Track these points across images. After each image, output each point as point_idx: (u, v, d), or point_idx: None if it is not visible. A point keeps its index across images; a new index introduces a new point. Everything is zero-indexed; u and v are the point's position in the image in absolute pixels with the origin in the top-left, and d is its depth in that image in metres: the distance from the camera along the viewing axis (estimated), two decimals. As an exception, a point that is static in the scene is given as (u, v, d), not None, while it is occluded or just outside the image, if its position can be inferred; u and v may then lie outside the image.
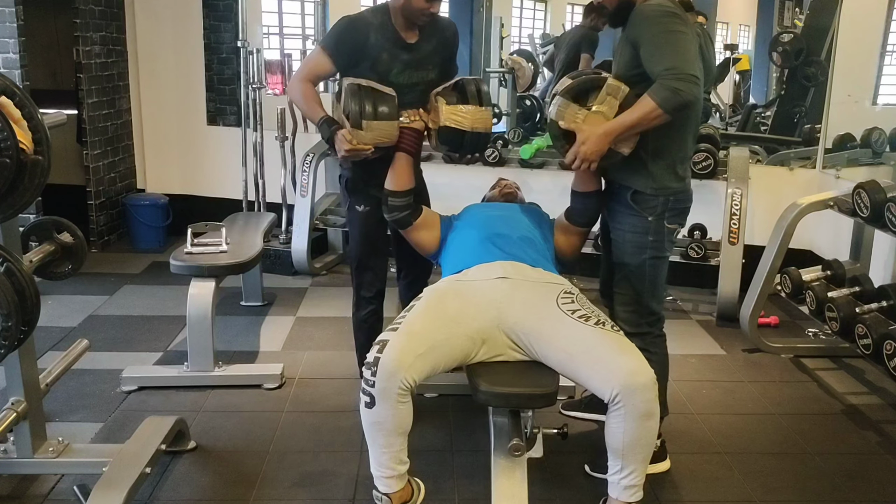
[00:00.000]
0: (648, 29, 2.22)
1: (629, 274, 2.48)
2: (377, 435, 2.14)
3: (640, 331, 2.49)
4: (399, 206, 2.59)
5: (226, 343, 3.61)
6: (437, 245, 2.64)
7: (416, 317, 2.22)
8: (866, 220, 3.14)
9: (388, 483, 2.19)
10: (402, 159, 2.59)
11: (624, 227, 2.47)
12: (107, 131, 5.10)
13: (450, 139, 2.57)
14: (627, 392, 2.05)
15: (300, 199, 4.58)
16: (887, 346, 2.88)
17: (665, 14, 2.22)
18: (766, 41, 5.21)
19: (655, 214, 2.41)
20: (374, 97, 2.46)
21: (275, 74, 4.70)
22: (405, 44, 2.61)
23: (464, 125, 2.52)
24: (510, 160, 4.62)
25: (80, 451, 2.44)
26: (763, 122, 5.34)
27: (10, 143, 1.82)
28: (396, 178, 2.59)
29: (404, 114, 2.56)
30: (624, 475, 2.16)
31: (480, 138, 2.57)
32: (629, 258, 2.47)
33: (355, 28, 2.58)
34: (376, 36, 2.57)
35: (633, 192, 2.40)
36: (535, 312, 2.25)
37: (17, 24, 4.26)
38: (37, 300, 2.00)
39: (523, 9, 6.38)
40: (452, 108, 2.52)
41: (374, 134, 2.47)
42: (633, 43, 2.28)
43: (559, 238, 2.63)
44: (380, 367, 2.05)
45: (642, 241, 2.44)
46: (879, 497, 2.54)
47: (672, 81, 2.13)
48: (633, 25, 2.29)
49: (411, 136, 2.58)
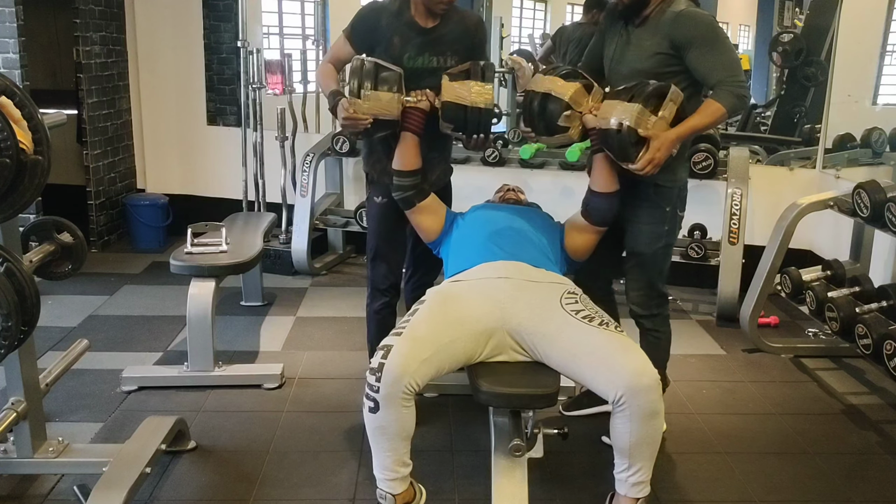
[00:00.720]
0: (704, 34, 2.38)
1: (643, 262, 2.63)
2: (381, 439, 2.14)
3: (650, 312, 2.68)
4: (404, 186, 2.61)
5: (226, 343, 3.61)
6: (439, 233, 2.65)
7: (420, 321, 2.22)
8: (866, 220, 3.14)
9: (391, 485, 2.20)
10: (406, 139, 2.60)
11: (641, 220, 2.60)
12: (107, 131, 5.10)
13: (452, 116, 2.56)
14: (632, 393, 2.05)
15: (300, 199, 4.58)
16: (887, 346, 2.88)
17: (715, 22, 2.41)
18: (766, 41, 5.21)
19: (671, 205, 2.58)
20: (377, 70, 2.50)
21: (275, 74, 4.69)
22: (419, 28, 2.63)
23: (464, 100, 2.52)
24: (510, 160, 4.61)
25: (80, 451, 2.44)
26: (763, 122, 5.34)
27: (10, 143, 1.82)
28: (401, 158, 2.61)
29: (412, 94, 2.57)
30: (631, 473, 2.17)
31: (482, 114, 2.56)
32: (645, 248, 2.61)
33: (372, 12, 2.66)
34: (388, 20, 2.62)
35: (655, 186, 2.52)
36: (539, 313, 2.25)
37: (17, 24, 4.26)
38: (37, 300, 2.00)
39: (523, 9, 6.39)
40: (454, 83, 2.54)
41: (372, 104, 2.49)
42: (677, 43, 2.39)
43: (575, 238, 2.61)
44: (384, 373, 2.05)
45: (659, 231, 2.60)
46: (879, 497, 2.54)
47: (738, 89, 2.34)
48: (679, 27, 2.39)
49: (416, 116, 2.58)
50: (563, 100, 2.45)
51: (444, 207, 2.72)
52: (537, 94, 2.51)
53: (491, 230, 2.57)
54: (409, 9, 2.63)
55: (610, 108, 2.38)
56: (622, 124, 2.31)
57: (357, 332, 3.73)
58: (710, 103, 2.36)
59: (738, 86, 2.34)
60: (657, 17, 2.45)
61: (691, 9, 2.42)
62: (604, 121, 2.38)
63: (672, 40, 2.41)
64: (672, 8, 2.43)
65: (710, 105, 2.36)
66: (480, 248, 2.49)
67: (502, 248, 2.46)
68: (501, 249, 2.46)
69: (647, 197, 2.55)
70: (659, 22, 2.44)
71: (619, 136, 2.32)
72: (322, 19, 5.02)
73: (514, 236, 2.54)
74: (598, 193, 2.54)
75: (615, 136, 2.33)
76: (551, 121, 2.49)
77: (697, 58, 2.38)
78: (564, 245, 2.60)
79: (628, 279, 2.70)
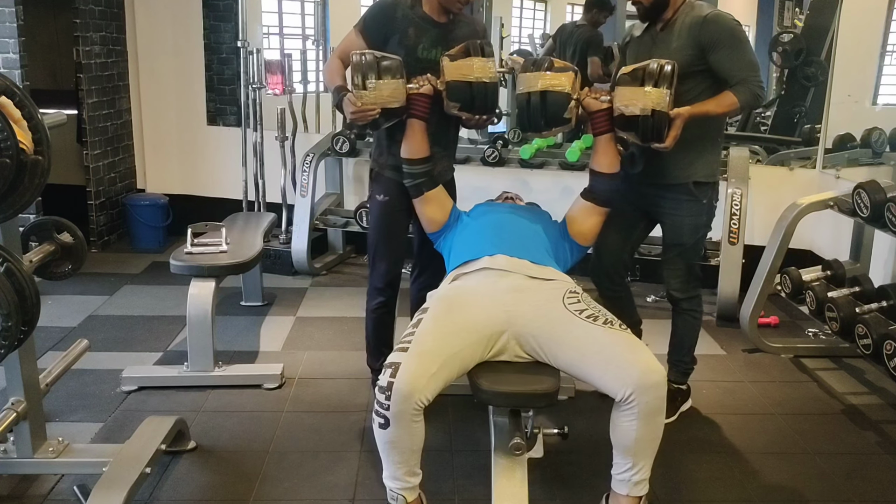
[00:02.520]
0: (730, 37, 2.57)
1: (685, 251, 2.84)
2: (392, 452, 2.14)
3: (689, 295, 2.89)
4: (414, 174, 2.64)
5: (226, 343, 3.61)
6: (442, 225, 2.66)
7: (425, 333, 2.19)
8: (866, 220, 3.14)
9: (400, 496, 2.19)
10: (413, 125, 2.62)
11: (682, 213, 2.78)
12: (107, 131, 5.10)
13: (458, 94, 2.58)
14: (641, 391, 2.05)
15: (300, 199, 4.58)
16: (887, 346, 2.88)
17: (738, 25, 2.61)
18: (766, 41, 5.20)
19: (708, 197, 2.79)
20: (378, 59, 2.51)
21: (275, 74, 4.69)
22: (434, 21, 2.69)
23: (468, 76, 2.54)
24: (510, 160, 4.61)
25: (80, 451, 2.44)
26: (763, 122, 5.33)
27: (10, 143, 1.82)
28: (410, 146, 2.62)
29: (413, 80, 2.59)
30: (634, 472, 2.17)
31: (488, 89, 2.58)
32: (687, 238, 2.82)
33: (387, 5, 2.70)
34: (404, 11, 2.67)
35: (695, 183, 2.71)
36: (544, 314, 2.25)
37: (17, 24, 4.26)
38: (37, 300, 2.00)
39: (523, 9, 6.39)
40: (456, 63, 2.55)
41: (379, 93, 2.50)
42: (703, 45, 2.58)
43: (582, 224, 2.62)
44: (394, 392, 2.04)
45: (699, 222, 2.81)
46: (879, 497, 2.54)
47: (756, 88, 2.55)
48: (706, 31, 2.57)
49: (421, 101, 2.59)
50: (565, 92, 2.49)
51: (451, 202, 2.74)
52: (535, 93, 2.52)
53: (493, 225, 2.58)
54: (421, 5, 2.69)
55: (633, 95, 2.46)
56: (654, 111, 2.43)
57: (357, 332, 3.72)
58: (726, 94, 2.56)
59: (758, 85, 2.55)
60: (682, 20, 2.62)
61: (716, 12, 2.61)
62: (631, 107, 2.46)
63: (699, 42, 2.58)
64: (696, 12, 2.61)
65: (726, 96, 2.56)
66: (483, 242, 2.50)
67: (504, 242, 2.47)
68: (503, 243, 2.46)
69: (685, 191, 2.72)
70: (684, 25, 2.61)
71: (653, 120, 2.44)
72: (322, 19, 5.02)
73: (516, 232, 2.55)
74: (604, 174, 2.59)
75: (649, 121, 2.45)
76: (557, 115, 2.53)
77: (722, 58, 2.57)
78: (570, 234, 2.61)
79: (668, 269, 2.88)
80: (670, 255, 2.87)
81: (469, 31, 2.76)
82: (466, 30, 2.75)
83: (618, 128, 2.55)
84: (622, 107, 2.49)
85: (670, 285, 2.89)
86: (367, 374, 3.11)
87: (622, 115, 2.49)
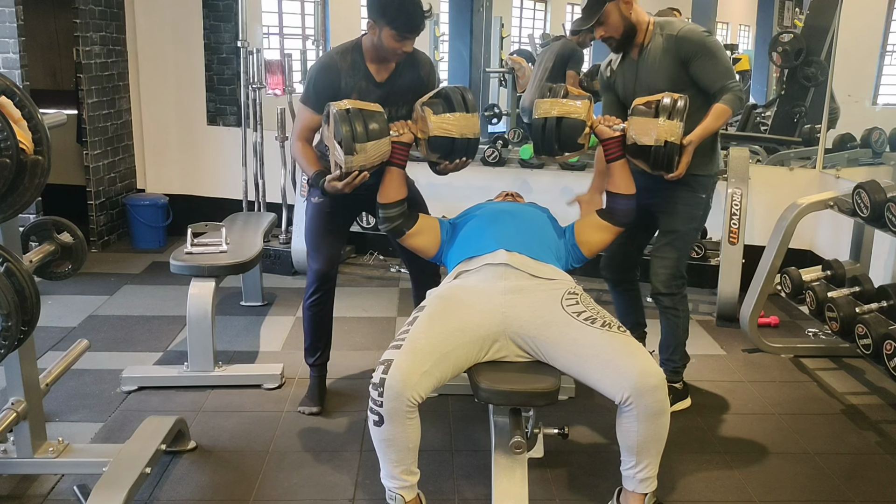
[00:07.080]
0: (704, 49, 2.71)
1: (676, 239, 2.90)
2: (388, 451, 2.14)
3: (671, 291, 2.92)
4: (392, 217, 2.61)
5: (226, 343, 3.61)
6: (438, 248, 2.64)
7: (420, 331, 2.20)
8: (866, 220, 3.14)
9: (398, 496, 2.19)
10: (393, 173, 2.61)
11: (678, 202, 2.88)
12: (107, 131, 5.11)
13: (440, 147, 2.58)
14: (639, 394, 2.06)
15: (300, 199, 4.58)
16: (887, 346, 2.88)
17: (709, 34, 2.75)
18: (766, 41, 5.20)
19: (706, 192, 2.90)
20: (364, 117, 2.45)
21: (275, 74, 4.69)
22: (376, 82, 2.68)
23: (453, 133, 2.54)
24: (510, 160, 4.62)
25: (80, 451, 2.44)
26: (763, 122, 5.33)
27: (10, 143, 1.82)
28: (387, 191, 2.60)
29: (392, 127, 2.56)
30: (639, 469, 2.18)
31: (470, 143, 2.60)
32: (680, 225, 2.89)
33: (328, 75, 2.68)
34: (346, 79, 2.67)
35: (693, 176, 2.77)
36: (541, 316, 2.24)
37: (17, 24, 4.26)
38: (37, 300, 2.00)
39: (523, 9, 6.38)
40: (440, 117, 2.54)
41: (369, 154, 2.46)
42: (682, 60, 2.73)
43: (592, 236, 2.62)
44: (386, 388, 2.05)
45: (694, 214, 2.90)
46: (879, 497, 2.54)
47: (738, 92, 2.68)
48: (683, 46, 2.72)
49: (401, 150, 2.59)
50: (579, 119, 2.58)
51: (437, 221, 2.70)
52: (551, 118, 2.59)
53: (492, 220, 2.58)
54: (362, 60, 2.67)
55: (645, 125, 2.56)
56: (667, 142, 2.53)
57: (357, 331, 3.74)
58: (717, 107, 2.68)
59: (738, 89, 2.69)
60: (654, 42, 2.77)
61: (687, 27, 2.76)
62: (644, 137, 2.55)
63: (678, 58, 2.73)
64: (668, 31, 2.75)
65: (717, 109, 2.68)
66: (482, 236, 2.50)
67: (503, 236, 2.46)
68: (502, 237, 2.46)
69: (686, 183, 2.78)
70: (659, 46, 2.76)
71: (664, 150, 2.55)
72: (322, 19, 5.01)
73: (515, 226, 2.54)
74: (622, 195, 2.63)
75: (661, 151, 2.55)
76: (571, 140, 2.60)
77: (701, 69, 2.72)
78: (576, 241, 2.61)
79: (657, 258, 2.93)
80: (661, 244, 2.94)
81: (412, 76, 2.72)
82: (409, 76, 2.72)
83: (629, 155, 2.63)
84: (635, 136, 2.57)
85: (656, 276, 2.92)
86: (367, 374, 3.11)
87: (635, 144, 2.58)
